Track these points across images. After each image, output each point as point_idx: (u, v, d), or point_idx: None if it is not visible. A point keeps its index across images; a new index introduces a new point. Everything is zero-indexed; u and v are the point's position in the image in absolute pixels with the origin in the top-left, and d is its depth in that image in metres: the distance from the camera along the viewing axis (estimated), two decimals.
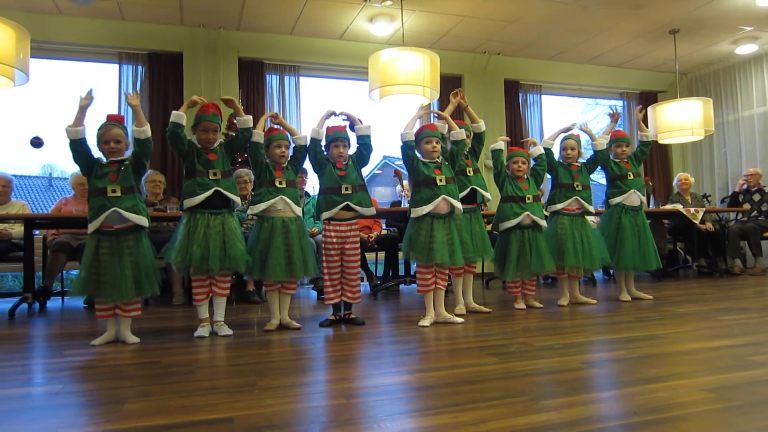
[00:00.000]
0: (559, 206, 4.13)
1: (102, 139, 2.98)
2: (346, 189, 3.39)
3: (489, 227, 4.42)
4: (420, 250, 3.39)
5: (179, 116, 3.14)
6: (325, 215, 3.41)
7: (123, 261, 2.91)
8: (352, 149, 3.53)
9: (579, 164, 4.23)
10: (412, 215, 3.48)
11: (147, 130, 3.02)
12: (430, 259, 3.37)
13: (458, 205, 3.47)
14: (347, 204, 3.38)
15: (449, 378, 2.07)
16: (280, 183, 3.31)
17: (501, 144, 4.07)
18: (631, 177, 4.33)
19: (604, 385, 1.98)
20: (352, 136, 3.53)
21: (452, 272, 3.77)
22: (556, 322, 3.41)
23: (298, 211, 3.35)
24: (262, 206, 3.26)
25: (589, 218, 4.30)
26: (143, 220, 2.95)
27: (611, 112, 4.47)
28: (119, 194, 2.91)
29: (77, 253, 4.64)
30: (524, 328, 3.22)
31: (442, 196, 3.41)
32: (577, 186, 4.14)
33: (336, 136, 3.46)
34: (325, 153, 3.49)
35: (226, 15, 6.25)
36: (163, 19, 6.31)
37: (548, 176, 4.29)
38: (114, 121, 3.02)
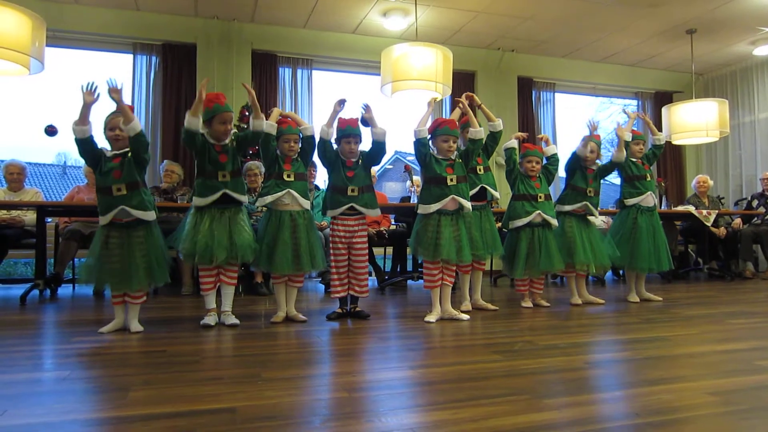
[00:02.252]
0: (567, 208, 4.11)
1: (108, 126, 2.98)
2: (353, 191, 3.39)
3: (499, 224, 4.40)
4: (426, 246, 3.39)
5: (195, 123, 3.05)
6: (330, 213, 3.43)
7: (133, 251, 2.95)
8: (364, 144, 3.51)
9: (594, 168, 4.19)
10: (419, 211, 3.48)
11: (136, 126, 2.91)
12: (436, 255, 3.37)
13: (467, 204, 3.46)
14: (352, 206, 3.40)
15: (452, 374, 2.07)
16: (288, 176, 3.31)
17: (514, 142, 4.04)
18: (649, 179, 4.30)
19: (607, 385, 1.97)
20: (364, 130, 3.51)
21: (460, 269, 3.77)
22: (562, 322, 3.40)
23: (307, 204, 3.35)
24: (269, 199, 3.27)
25: (596, 219, 4.27)
26: (151, 215, 2.98)
27: (629, 111, 4.42)
28: (125, 192, 2.91)
29: (89, 240, 4.66)
30: (530, 326, 3.21)
31: (452, 195, 3.40)
32: (590, 192, 4.12)
33: (348, 132, 3.43)
34: (336, 146, 3.48)
35: (240, 7, 6.27)
36: (177, 10, 6.33)
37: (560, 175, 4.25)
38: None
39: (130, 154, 2.97)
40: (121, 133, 2.95)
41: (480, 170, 3.88)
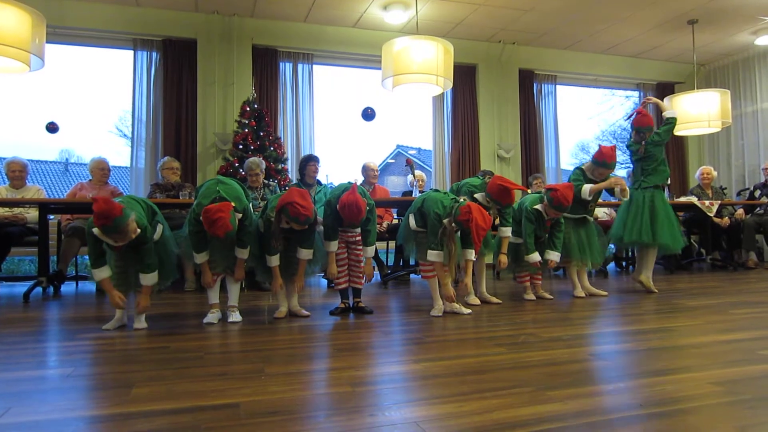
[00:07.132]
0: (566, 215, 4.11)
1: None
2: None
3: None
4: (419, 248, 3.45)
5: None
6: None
7: (141, 254, 2.98)
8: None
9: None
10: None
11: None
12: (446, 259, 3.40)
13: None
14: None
15: (455, 368, 2.07)
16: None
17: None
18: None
19: (611, 377, 1.97)
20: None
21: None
22: (565, 314, 3.40)
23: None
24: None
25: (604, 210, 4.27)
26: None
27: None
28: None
29: None
30: (533, 319, 3.21)
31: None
32: (591, 207, 4.22)
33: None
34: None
35: (241, 2, 6.25)
36: (177, 6, 6.32)
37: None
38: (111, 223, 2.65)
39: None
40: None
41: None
